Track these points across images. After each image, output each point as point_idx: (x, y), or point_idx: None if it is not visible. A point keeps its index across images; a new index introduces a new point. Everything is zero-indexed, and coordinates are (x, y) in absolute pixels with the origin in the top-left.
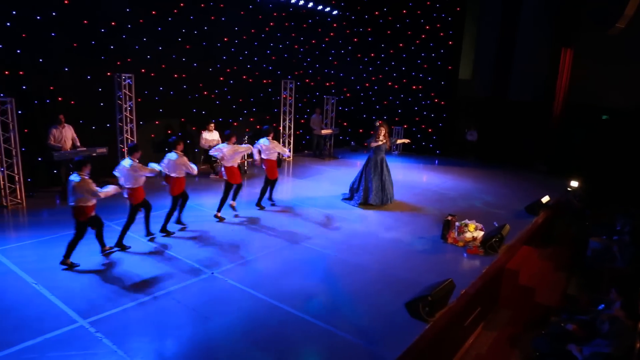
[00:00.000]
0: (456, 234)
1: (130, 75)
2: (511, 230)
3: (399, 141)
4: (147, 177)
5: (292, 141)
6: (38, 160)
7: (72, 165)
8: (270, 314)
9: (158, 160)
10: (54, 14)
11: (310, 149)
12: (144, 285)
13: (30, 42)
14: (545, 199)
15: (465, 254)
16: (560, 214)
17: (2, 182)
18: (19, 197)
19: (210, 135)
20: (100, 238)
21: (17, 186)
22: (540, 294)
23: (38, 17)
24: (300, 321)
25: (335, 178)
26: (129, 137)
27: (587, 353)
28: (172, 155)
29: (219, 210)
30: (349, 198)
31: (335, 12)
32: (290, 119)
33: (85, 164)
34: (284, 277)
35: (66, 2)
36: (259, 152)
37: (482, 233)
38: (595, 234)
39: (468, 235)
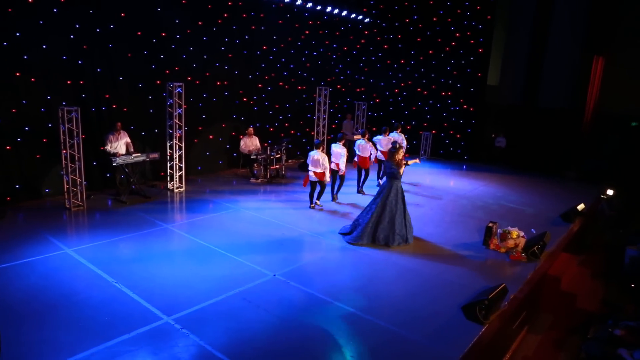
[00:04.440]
0: (498, 240)
1: (180, 84)
2: (550, 238)
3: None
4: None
5: (325, 147)
6: (93, 165)
7: (314, 146)
8: (332, 313)
9: None
10: (111, 26)
11: None
12: (213, 286)
13: (90, 53)
14: (581, 207)
15: (508, 260)
16: (594, 221)
17: (66, 186)
18: (80, 199)
19: (250, 140)
20: (318, 195)
21: (79, 189)
22: (580, 300)
23: (98, 30)
24: (362, 320)
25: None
26: (177, 142)
27: (638, 357)
28: (361, 142)
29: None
30: (349, 233)
31: (366, 20)
32: (324, 125)
33: (320, 145)
34: (341, 278)
35: (123, 15)
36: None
37: (524, 240)
38: (630, 242)
39: (510, 242)
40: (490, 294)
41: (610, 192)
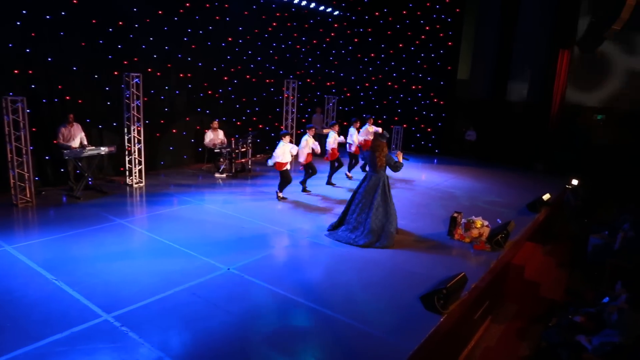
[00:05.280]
0: (463, 230)
1: (138, 74)
2: (515, 227)
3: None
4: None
5: (293, 140)
6: (46, 159)
7: (280, 135)
8: (287, 307)
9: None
10: (63, 13)
11: None
12: (162, 281)
13: (39, 41)
14: (546, 197)
15: (472, 250)
16: (560, 211)
17: (12, 181)
18: (28, 195)
19: (215, 134)
20: (281, 186)
21: (27, 185)
22: (545, 289)
23: (48, 17)
24: (319, 314)
25: (336, 176)
26: (136, 135)
27: (597, 343)
28: (332, 134)
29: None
30: (374, 241)
31: (336, 13)
32: (292, 119)
33: (287, 134)
34: (299, 272)
35: (75, 1)
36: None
37: (488, 229)
38: (594, 231)
39: (474, 231)
40: (449, 283)
41: (575, 182)
